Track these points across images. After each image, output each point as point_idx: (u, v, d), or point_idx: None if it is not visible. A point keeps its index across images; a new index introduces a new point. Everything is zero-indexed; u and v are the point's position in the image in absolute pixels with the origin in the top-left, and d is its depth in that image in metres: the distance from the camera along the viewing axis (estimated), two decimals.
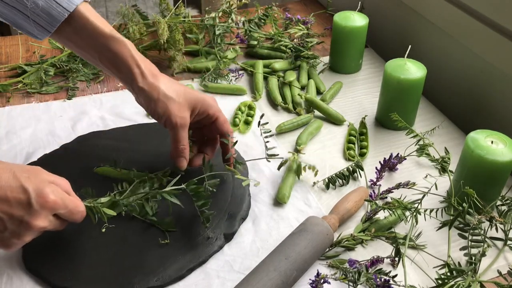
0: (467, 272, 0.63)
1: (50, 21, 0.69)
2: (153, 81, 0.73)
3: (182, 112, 0.74)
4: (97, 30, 0.71)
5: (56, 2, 0.69)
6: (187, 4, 1.95)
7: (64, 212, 0.63)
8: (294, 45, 1.13)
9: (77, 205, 0.64)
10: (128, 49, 0.72)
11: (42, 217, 0.60)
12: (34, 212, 0.59)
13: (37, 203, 0.59)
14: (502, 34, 0.88)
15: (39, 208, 0.59)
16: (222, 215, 0.76)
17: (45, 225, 0.61)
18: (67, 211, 0.63)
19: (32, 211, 0.59)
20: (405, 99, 0.93)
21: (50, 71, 1.05)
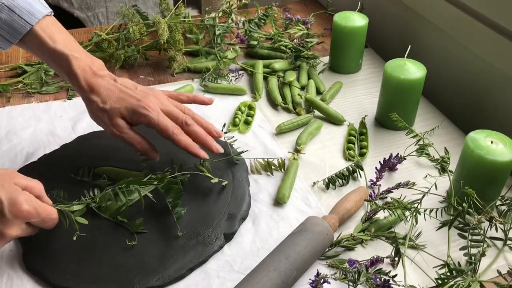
0: (467, 272, 0.63)
1: (13, 34, 0.74)
2: (89, 95, 0.77)
3: (114, 120, 0.76)
4: (44, 44, 0.75)
5: (18, 16, 0.73)
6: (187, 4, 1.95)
7: (37, 221, 0.64)
8: (294, 45, 1.13)
9: (50, 213, 0.65)
10: (67, 64, 0.75)
11: (15, 226, 0.61)
12: (6, 221, 0.59)
13: (10, 212, 0.59)
14: (502, 34, 0.88)
15: (12, 217, 0.59)
16: (222, 215, 0.76)
17: (18, 233, 0.62)
18: (40, 220, 0.64)
19: (4, 220, 0.59)
20: (405, 99, 0.93)
21: (50, 71, 1.05)
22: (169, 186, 0.73)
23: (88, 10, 1.39)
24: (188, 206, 0.77)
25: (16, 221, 0.61)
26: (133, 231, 0.72)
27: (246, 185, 0.81)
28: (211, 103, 0.86)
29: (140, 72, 1.11)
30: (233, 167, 0.84)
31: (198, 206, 0.77)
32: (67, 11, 1.39)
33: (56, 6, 1.39)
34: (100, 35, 1.10)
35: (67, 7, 1.38)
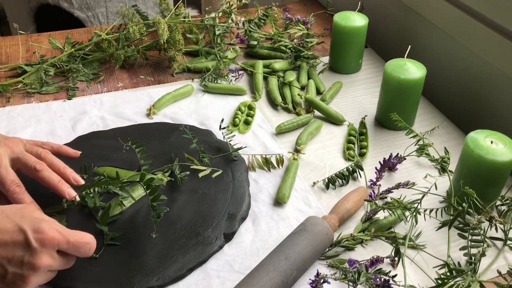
0: (467, 272, 0.63)
1: None
2: None
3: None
4: None
5: None
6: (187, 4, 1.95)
7: (68, 247, 0.60)
8: (294, 45, 1.13)
9: (81, 237, 0.61)
10: None
11: (44, 255, 0.57)
12: (34, 251, 0.56)
13: (36, 241, 0.56)
14: (502, 34, 0.88)
15: (39, 246, 0.57)
16: (222, 215, 0.76)
17: (49, 263, 0.58)
18: (71, 246, 0.60)
19: (32, 251, 0.56)
20: (405, 99, 0.93)
21: (50, 71, 1.05)
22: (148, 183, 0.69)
23: (88, 10, 1.39)
24: (188, 206, 0.77)
25: (44, 250, 0.57)
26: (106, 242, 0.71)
27: (246, 185, 0.81)
28: (76, 156, 0.79)
29: (140, 72, 1.11)
30: (233, 167, 0.84)
31: (198, 206, 0.77)
32: (67, 11, 1.39)
33: (56, 6, 1.39)
34: (100, 35, 1.10)
35: (67, 7, 1.38)
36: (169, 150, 0.86)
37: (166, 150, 0.87)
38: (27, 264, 0.56)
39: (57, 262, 0.59)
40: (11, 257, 0.55)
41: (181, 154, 0.85)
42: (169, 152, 0.85)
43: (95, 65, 1.10)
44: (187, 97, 1.03)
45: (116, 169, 0.81)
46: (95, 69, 1.09)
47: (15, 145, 0.73)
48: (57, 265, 0.60)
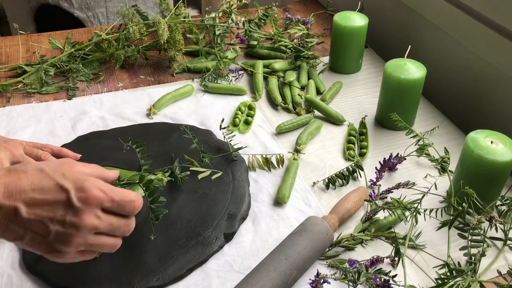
0: (467, 272, 0.63)
1: None
2: None
3: None
4: None
5: None
6: (187, 4, 1.95)
7: (112, 205, 0.57)
8: (294, 45, 1.13)
9: (125, 195, 0.58)
10: None
11: (88, 215, 0.55)
12: (76, 210, 0.54)
13: (78, 199, 0.54)
14: (502, 34, 0.88)
15: (82, 204, 0.54)
16: (222, 215, 0.76)
17: (94, 223, 0.55)
18: (115, 204, 0.57)
19: (74, 210, 0.54)
20: (405, 99, 0.93)
21: (50, 71, 1.05)
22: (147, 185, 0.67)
23: (88, 10, 1.39)
24: (188, 206, 0.77)
25: (88, 209, 0.54)
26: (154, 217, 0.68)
27: (246, 185, 0.81)
28: (76, 159, 0.78)
29: (140, 72, 1.11)
30: (233, 167, 0.84)
31: (198, 206, 0.77)
32: (67, 11, 1.39)
33: (56, 6, 1.39)
34: (100, 35, 1.10)
35: (67, 7, 1.38)
36: (169, 150, 0.86)
37: (166, 150, 0.87)
38: (70, 223, 0.54)
39: (104, 223, 0.56)
40: (53, 216, 0.54)
41: (181, 154, 0.85)
42: (169, 152, 0.85)
43: (95, 65, 1.10)
44: (187, 97, 1.03)
45: (116, 169, 0.81)
46: (95, 69, 1.09)
47: (15, 148, 0.72)
48: (105, 226, 0.57)
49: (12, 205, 0.52)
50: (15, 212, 0.52)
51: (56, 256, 0.56)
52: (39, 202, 0.53)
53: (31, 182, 0.53)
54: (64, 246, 0.55)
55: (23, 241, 0.54)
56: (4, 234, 0.54)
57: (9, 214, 0.52)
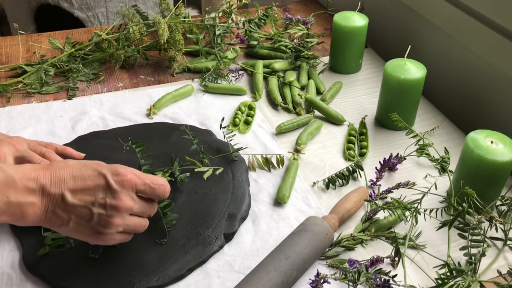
0: (467, 272, 0.63)
1: None
2: None
3: None
4: None
5: None
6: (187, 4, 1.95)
7: (144, 188, 0.63)
8: (294, 45, 1.13)
9: (156, 179, 0.64)
10: None
11: (125, 196, 0.61)
12: (115, 192, 0.60)
13: (115, 183, 0.60)
14: (502, 34, 0.88)
15: (119, 187, 0.60)
16: (222, 215, 0.76)
17: (130, 204, 0.61)
18: (148, 187, 0.63)
19: (113, 192, 0.60)
20: (405, 99, 0.93)
21: (50, 71, 1.05)
22: None
23: (88, 10, 1.39)
24: (188, 206, 0.77)
25: (124, 191, 0.61)
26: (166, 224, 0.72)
27: (246, 185, 0.81)
28: (80, 158, 0.81)
29: (140, 72, 1.11)
30: (233, 167, 0.84)
31: (198, 206, 0.77)
32: (67, 11, 1.39)
33: (56, 6, 1.39)
34: (100, 35, 1.10)
35: (67, 7, 1.38)
36: (169, 150, 0.86)
37: (166, 150, 0.87)
38: (110, 205, 0.60)
39: (137, 204, 0.63)
40: (94, 200, 0.59)
41: (181, 154, 0.85)
42: (169, 152, 0.85)
43: (95, 65, 1.10)
44: (187, 97, 1.03)
45: None
46: (95, 69, 1.09)
47: (19, 143, 0.74)
48: (137, 208, 0.63)
49: (59, 192, 0.58)
50: (62, 199, 0.58)
51: (98, 238, 0.62)
52: (82, 188, 0.59)
53: (72, 172, 0.60)
54: (106, 228, 0.61)
55: (69, 226, 0.60)
56: (51, 221, 0.59)
57: (57, 201, 0.58)
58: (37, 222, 0.59)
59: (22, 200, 0.57)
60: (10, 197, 0.56)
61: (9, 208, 0.57)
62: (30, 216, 0.58)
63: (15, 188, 0.57)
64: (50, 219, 0.59)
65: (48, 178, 0.58)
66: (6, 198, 0.56)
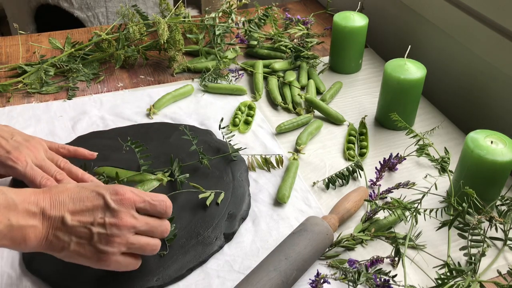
0: (467, 272, 0.63)
1: None
2: None
3: None
4: None
5: None
6: (187, 4, 1.95)
7: (144, 205, 0.62)
8: (294, 45, 1.13)
9: (155, 196, 0.64)
10: None
11: (125, 215, 0.60)
12: (113, 211, 0.60)
13: (114, 202, 0.60)
14: (502, 34, 0.88)
15: (118, 206, 0.60)
16: (222, 215, 0.76)
17: (131, 222, 0.60)
18: (147, 204, 0.62)
19: (111, 211, 0.60)
20: (405, 99, 0.93)
21: (50, 71, 1.05)
22: None
23: (88, 10, 1.39)
24: (188, 206, 0.77)
25: (123, 209, 0.60)
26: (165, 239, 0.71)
27: (246, 185, 0.81)
28: (92, 157, 0.82)
29: (140, 72, 1.11)
30: (233, 167, 0.84)
31: (198, 206, 0.77)
32: (67, 11, 1.39)
33: (56, 6, 1.39)
34: (100, 35, 1.10)
35: (67, 7, 1.38)
36: (169, 150, 0.86)
37: (166, 150, 0.87)
38: (109, 224, 0.60)
39: (140, 222, 0.62)
40: (93, 220, 0.59)
41: (181, 154, 0.85)
42: (169, 152, 0.85)
43: (95, 65, 1.10)
44: (187, 97, 1.03)
45: (116, 169, 0.81)
46: (95, 69, 1.09)
47: (38, 151, 0.76)
48: (141, 225, 0.62)
49: (59, 215, 0.59)
50: (62, 221, 0.59)
51: (100, 259, 0.60)
52: (81, 209, 0.59)
53: (71, 194, 0.60)
54: (107, 246, 0.60)
55: (70, 248, 0.59)
56: (52, 244, 0.59)
57: (57, 224, 0.59)
58: (37, 247, 0.59)
59: (23, 223, 0.57)
60: (11, 220, 0.56)
61: (11, 232, 0.56)
62: (31, 240, 0.58)
63: (16, 211, 0.57)
64: (51, 242, 0.59)
65: (48, 202, 0.59)
66: (8, 220, 0.56)
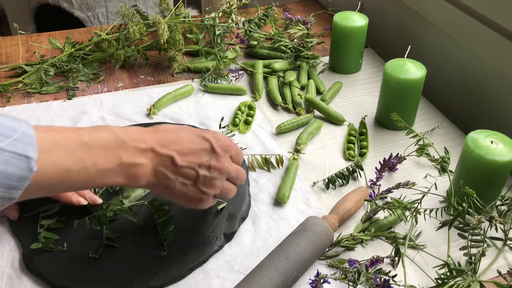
0: (467, 272, 0.63)
1: None
2: None
3: None
4: None
5: None
6: (187, 4, 1.95)
7: (235, 154, 0.67)
8: (294, 45, 1.13)
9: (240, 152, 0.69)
10: None
11: (226, 160, 0.65)
12: (218, 156, 0.64)
13: (218, 147, 0.64)
14: (502, 34, 0.88)
15: (221, 151, 0.64)
16: (222, 215, 0.76)
17: (228, 167, 0.65)
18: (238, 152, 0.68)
19: (216, 156, 0.64)
20: (405, 99, 0.93)
21: (50, 71, 1.05)
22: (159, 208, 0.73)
23: (88, 10, 1.39)
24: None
25: (225, 155, 0.65)
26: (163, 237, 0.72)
27: (246, 185, 0.81)
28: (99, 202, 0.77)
29: (140, 72, 1.11)
30: None
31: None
32: (67, 11, 1.39)
33: (56, 6, 1.39)
34: (100, 35, 1.10)
35: (67, 7, 1.38)
36: None
37: None
38: (214, 168, 0.63)
39: (233, 168, 0.67)
40: (200, 162, 0.62)
41: None
42: None
43: (95, 65, 1.10)
44: (187, 97, 1.03)
45: None
46: (95, 69, 1.09)
47: None
48: (233, 172, 0.67)
49: (168, 154, 0.60)
50: (171, 160, 0.60)
51: (201, 201, 0.65)
52: (188, 151, 0.62)
53: (178, 135, 0.62)
54: (209, 189, 0.64)
55: (174, 187, 0.62)
56: (158, 182, 0.61)
57: (166, 163, 0.60)
58: (147, 184, 0.60)
59: (133, 161, 0.58)
60: (122, 158, 0.57)
61: (122, 170, 0.57)
62: (141, 177, 0.59)
63: (126, 149, 0.57)
64: (158, 180, 0.61)
65: (156, 140, 0.60)
66: (119, 159, 0.57)
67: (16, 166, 0.47)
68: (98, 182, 0.56)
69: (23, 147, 0.48)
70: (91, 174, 0.55)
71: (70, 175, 0.53)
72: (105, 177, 0.56)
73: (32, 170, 0.49)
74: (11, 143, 0.47)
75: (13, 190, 0.49)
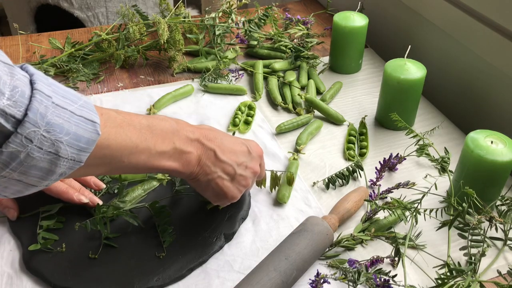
0: (467, 272, 0.63)
1: None
2: None
3: None
4: None
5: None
6: (187, 4, 1.95)
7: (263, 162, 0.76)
8: (294, 45, 1.13)
9: None
10: None
11: (257, 163, 0.72)
12: (252, 158, 0.71)
13: (253, 151, 0.72)
14: (502, 34, 0.88)
15: (255, 155, 0.72)
16: (222, 215, 0.76)
17: (258, 170, 0.72)
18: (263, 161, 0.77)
19: (251, 158, 0.71)
20: (405, 99, 0.93)
21: (50, 71, 1.05)
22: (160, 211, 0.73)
23: (88, 10, 1.39)
24: (188, 206, 0.77)
25: (257, 158, 0.72)
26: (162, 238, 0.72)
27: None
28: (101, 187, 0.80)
29: (140, 72, 1.11)
30: None
31: (198, 206, 0.77)
32: (67, 11, 1.39)
33: (56, 6, 1.39)
34: (100, 35, 1.10)
35: (67, 7, 1.38)
36: None
37: None
38: (249, 168, 0.71)
39: (262, 170, 0.77)
40: (239, 161, 0.69)
41: None
42: None
43: (95, 65, 1.10)
44: (187, 97, 1.03)
45: None
46: (95, 69, 1.09)
47: None
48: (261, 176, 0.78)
49: (211, 147, 0.66)
50: (214, 154, 0.66)
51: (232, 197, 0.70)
52: (228, 149, 0.68)
53: (220, 135, 0.69)
54: (241, 186, 0.71)
55: (213, 180, 0.67)
56: (201, 171, 0.66)
57: (209, 155, 0.66)
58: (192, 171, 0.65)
59: (184, 148, 0.63)
60: (175, 144, 0.63)
61: (175, 154, 0.63)
62: (190, 164, 0.64)
63: (179, 137, 0.63)
64: (201, 169, 0.66)
65: (201, 134, 0.66)
66: (173, 144, 0.62)
67: (84, 129, 0.51)
68: (157, 163, 0.61)
69: (89, 112, 0.53)
70: (152, 153, 0.60)
71: (137, 151, 0.58)
72: (161, 158, 0.61)
73: (98, 133, 0.53)
74: (78, 108, 0.52)
75: (82, 153, 0.52)
